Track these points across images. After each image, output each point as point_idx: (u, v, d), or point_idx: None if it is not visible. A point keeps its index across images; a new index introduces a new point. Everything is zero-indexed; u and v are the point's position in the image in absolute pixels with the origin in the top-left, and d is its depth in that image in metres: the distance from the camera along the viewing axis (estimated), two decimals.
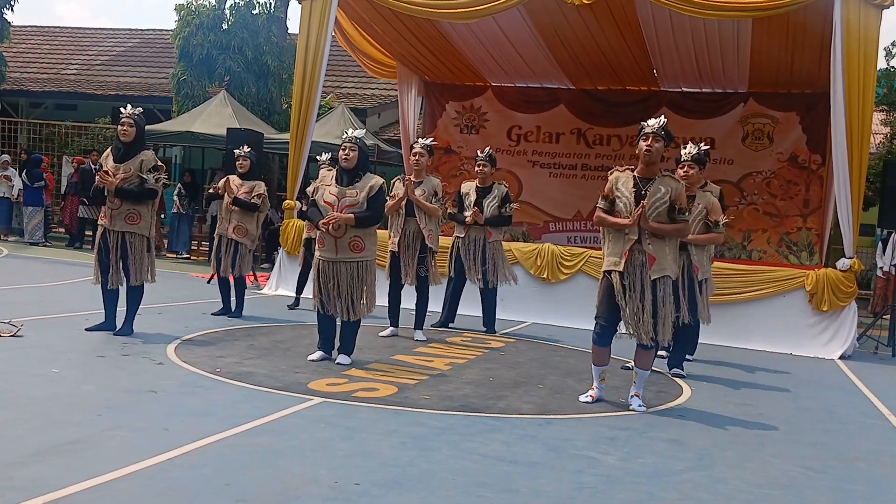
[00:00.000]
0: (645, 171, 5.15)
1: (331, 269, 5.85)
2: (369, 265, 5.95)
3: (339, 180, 5.88)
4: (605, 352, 5.35)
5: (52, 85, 21.01)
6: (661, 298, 5.09)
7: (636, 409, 5.21)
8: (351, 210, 5.77)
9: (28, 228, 14.68)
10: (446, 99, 13.72)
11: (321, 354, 6.02)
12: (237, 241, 7.86)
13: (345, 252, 5.83)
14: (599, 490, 3.66)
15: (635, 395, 5.31)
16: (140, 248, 6.32)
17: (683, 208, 5.14)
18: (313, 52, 9.72)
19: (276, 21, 17.05)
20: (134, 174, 6.23)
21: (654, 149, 5.07)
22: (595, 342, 5.34)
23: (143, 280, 6.40)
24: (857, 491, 3.99)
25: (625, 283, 5.09)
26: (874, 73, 8.46)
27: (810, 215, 12.04)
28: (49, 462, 3.42)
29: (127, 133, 6.27)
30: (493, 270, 8.06)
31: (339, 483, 3.45)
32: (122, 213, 6.25)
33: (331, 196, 5.84)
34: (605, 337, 5.27)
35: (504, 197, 8.06)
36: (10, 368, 5.03)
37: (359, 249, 5.86)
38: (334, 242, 5.81)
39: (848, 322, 8.54)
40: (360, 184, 5.84)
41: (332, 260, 5.84)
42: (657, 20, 10.04)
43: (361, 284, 5.88)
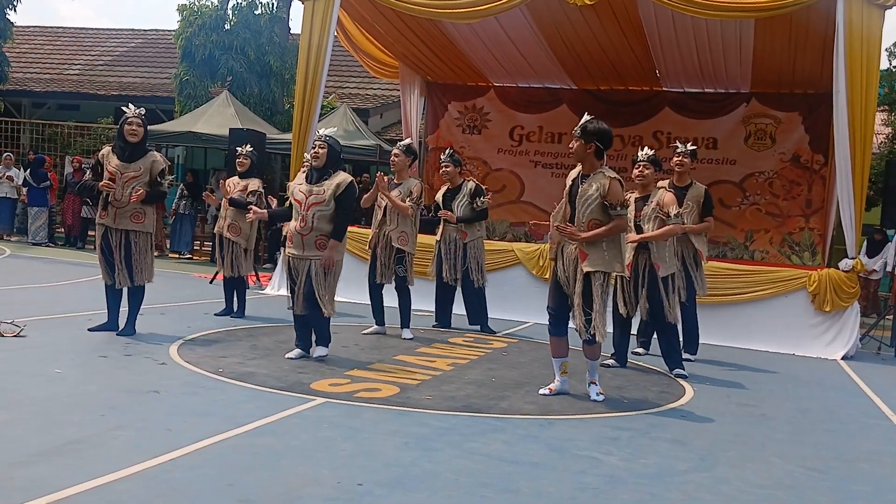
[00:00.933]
0: (582, 170, 5.34)
1: (299, 265, 5.91)
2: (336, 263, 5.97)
3: (308, 178, 5.95)
4: (561, 342, 5.46)
5: (54, 85, 21.04)
6: (593, 293, 5.19)
7: (592, 397, 5.37)
8: (318, 208, 5.82)
9: (32, 229, 14.70)
10: (448, 99, 13.72)
11: (298, 352, 6.05)
12: (231, 239, 7.86)
13: (310, 249, 5.88)
14: (602, 490, 3.66)
15: (592, 383, 5.48)
16: (144, 246, 6.34)
17: (615, 204, 5.18)
18: (315, 52, 9.72)
19: (279, 21, 17.06)
20: (145, 174, 6.25)
21: (574, 148, 5.27)
22: (550, 332, 5.50)
23: (146, 279, 6.41)
24: (860, 491, 3.99)
25: (564, 275, 5.32)
26: (877, 73, 8.45)
27: (813, 215, 12.02)
28: (51, 462, 3.43)
29: (136, 133, 6.29)
30: (477, 269, 8.07)
31: (341, 483, 3.45)
32: (128, 212, 6.26)
33: (300, 194, 5.92)
34: (556, 326, 5.44)
35: (473, 192, 8.04)
36: (12, 368, 5.04)
37: (324, 247, 5.89)
38: (301, 240, 5.88)
39: (850, 322, 8.53)
40: (328, 181, 5.88)
41: (300, 257, 5.91)
42: (659, 20, 10.04)
43: (325, 282, 5.90)
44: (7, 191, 15.02)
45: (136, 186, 6.21)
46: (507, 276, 9.47)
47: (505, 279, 9.45)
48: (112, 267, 6.31)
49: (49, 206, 14.88)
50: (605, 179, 5.19)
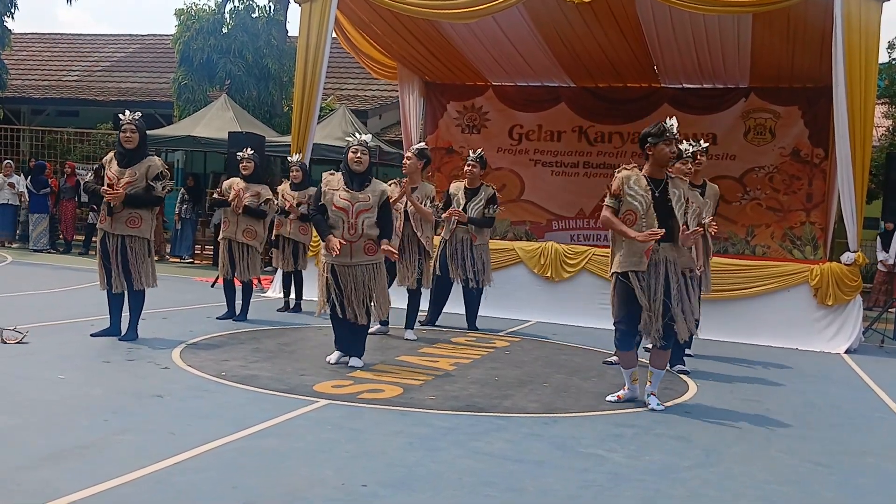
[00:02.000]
0: (660, 174, 5.13)
1: (347, 272, 5.86)
2: (382, 267, 6.00)
3: (349, 184, 5.88)
4: (631, 355, 5.32)
5: (53, 92, 21.05)
6: (684, 295, 5.11)
7: (655, 408, 5.19)
8: (366, 215, 5.81)
9: (33, 236, 14.71)
10: (447, 99, 13.71)
11: (339, 355, 6.03)
12: (248, 244, 7.88)
13: (359, 256, 5.86)
14: (606, 488, 3.65)
15: (652, 394, 5.29)
16: (141, 251, 6.32)
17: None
18: (313, 54, 9.72)
19: (276, 24, 17.05)
20: (140, 178, 6.24)
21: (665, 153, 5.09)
22: (618, 347, 5.30)
23: (146, 284, 6.40)
24: (866, 485, 3.98)
25: (642, 284, 5.05)
26: (875, 66, 8.44)
27: (814, 209, 12.01)
28: (56, 466, 3.43)
29: (130, 139, 6.28)
30: (483, 271, 8.11)
31: (345, 484, 3.45)
32: (124, 217, 6.25)
33: (342, 201, 5.83)
34: (627, 341, 5.23)
35: (490, 198, 8.08)
36: (16, 374, 5.05)
37: (372, 252, 5.90)
38: (349, 247, 5.83)
39: (853, 316, 8.52)
40: (371, 188, 5.88)
41: (348, 264, 5.85)
42: (657, 17, 10.03)
43: (377, 286, 5.92)
44: (9, 198, 15.04)
45: (130, 191, 6.20)
46: (509, 275, 9.46)
47: (506, 278, 9.44)
48: (110, 272, 6.31)
49: (50, 213, 14.89)
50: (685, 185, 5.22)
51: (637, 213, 5.04)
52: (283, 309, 8.84)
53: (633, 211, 5.06)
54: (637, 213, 5.04)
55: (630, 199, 5.07)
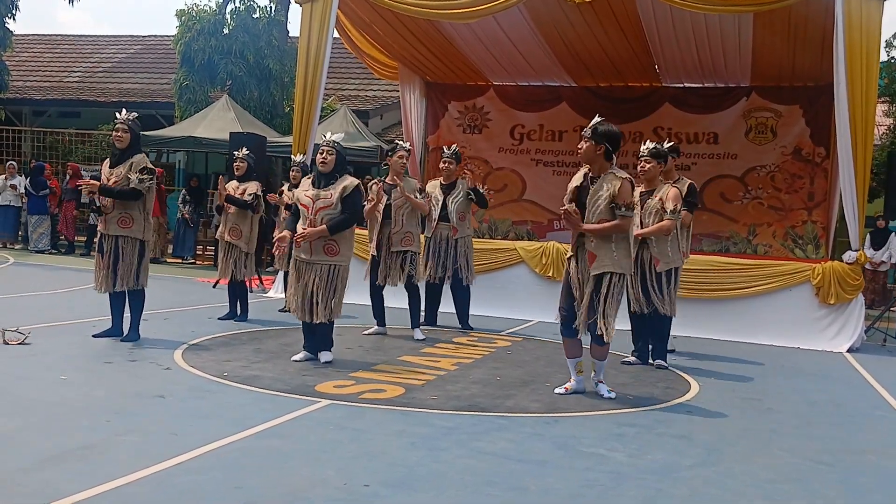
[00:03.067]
0: (592, 171, 5.31)
1: (304, 268, 5.91)
2: (341, 270, 5.94)
3: (315, 183, 5.95)
4: (574, 343, 5.45)
5: (54, 93, 21.06)
6: (602, 294, 5.18)
7: (604, 395, 5.35)
8: (325, 212, 5.81)
9: (33, 237, 14.73)
10: (448, 99, 13.72)
11: (304, 354, 6.05)
12: (233, 243, 7.87)
13: (318, 254, 5.88)
14: (608, 487, 3.65)
15: (599, 382, 5.45)
16: (132, 251, 6.30)
17: (622, 204, 5.16)
18: (314, 54, 9.73)
19: (277, 24, 17.07)
20: (124, 176, 6.24)
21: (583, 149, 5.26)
22: (562, 333, 5.46)
23: (133, 285, 6.33)
24: (867, 484, 3.98)
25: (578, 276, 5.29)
26: (877, 65, 8.44)
27: (815, 208, 12.00)
28: (59, 468, 3.43)
29: (121, 139, 6.30)
30: (466, 267, 8.11)
31: (347, 484, 3.46)
32: (115, 217, 6.28)
33: (307, 198, 5.91)
34: (568, 328, 5.38)
35: (471, 188, 8.16)
36: (18, 375, 5.05)
37: (332, 253, 5.89)
38: (310, 245, 5.87)
39: (855, 315, 8.51)
40: (335, 185, 5.89)
41: (307, 261, 5.90)
42: (658, 16, 10.03)
43: (329, 287, 5.88)
44: (10, 199, 15.06)
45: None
46: (510, 275, 9.47)
47: (508, 278, 9.45)
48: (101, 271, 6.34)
49: (50, 214, 14.91)
50: (617, 180, 5.19)
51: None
52: (284, 309, 8.84)
53: None
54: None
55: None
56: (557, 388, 5.50)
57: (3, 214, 15.16)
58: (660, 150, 6.59)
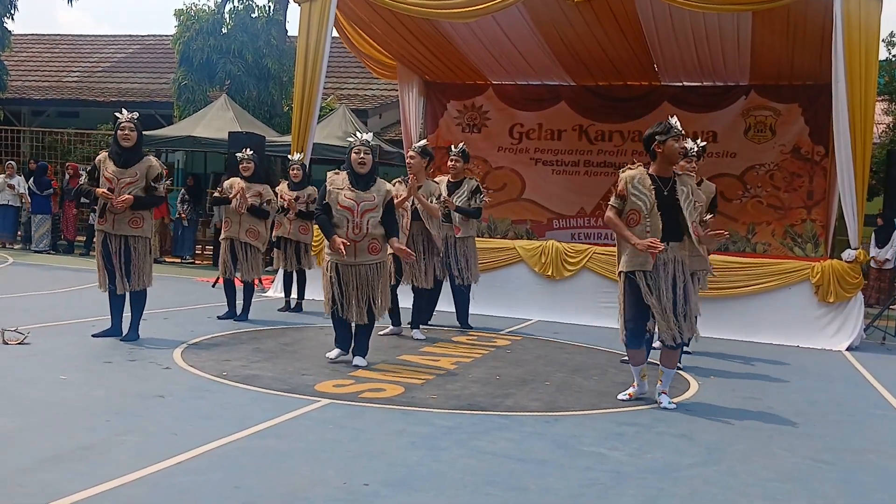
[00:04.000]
0: (667, 172, 5.09)
1: (350, 272, 5.86)
2: (385, 266, 6.00)
3: (354, 184, 5.88)
4: (640, 353, 5.32)
5: (53, 93, 21.04)
6: (690, 295, 5.09)
7: (666, 407, 5.19)
8: (371, 214, 5.82)
9: (35, 237, 14.72)
10: (447, 98, 13.72)
11: (339, 352, 6.04)
12: (251, 244, 7.88)
13: (363, 255, 5.86)
14: (609, 486, 3.65)
15: (663, 393, 5.29)
16: (143, 251, 6.36)
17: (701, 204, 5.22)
18: (313, 53, 9.72)
19: (276, 24, 17.05)
20: (141, 179, 6.26)
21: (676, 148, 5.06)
22: (627, 345, 5.28)
23: (148, 283, 6.42)
24: (868, 482, 3.98)
25: (649, 283, 5.02)
26: (876, 63, 8.43)
27: (814, 207, 12.01)
28: (59, 468, 3.43)
29: (129, 137, 6.29)
30: (467, 268, 8.08)
31: (347, 484, 3.45)
32: (126, 218, 6.26)
33: (348, 200, 5.84)
34: (637, 339, 5.20)
35: (474, 190, 8.07)
36: (18, 375, 5.05)
37: (376, 252, 5.92)
38: (353, 246, 5.83)
39: (854, 313, 8.52)
40: (376, 187, 5.90)
41: (351, 263, 5.85)
42: (657, 15, 10.03)
43: (379, 285, 5.92)
44: (9, 199, 15.05)
45: (131, 192, 6.21)
46: (510, 274, 9.47)
47: (507, 277, 9.45)
48: (112, 273, 6.31)
49: (52, 214, 14.90)
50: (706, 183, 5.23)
51: (641, 212, 4.99)
52: (284, 309, 8.84)
53: (637, 210, 5.01)
54: (641, 212, 4.99)
55: (634, 199, 5.02)
56: (621, 395, 5.38)
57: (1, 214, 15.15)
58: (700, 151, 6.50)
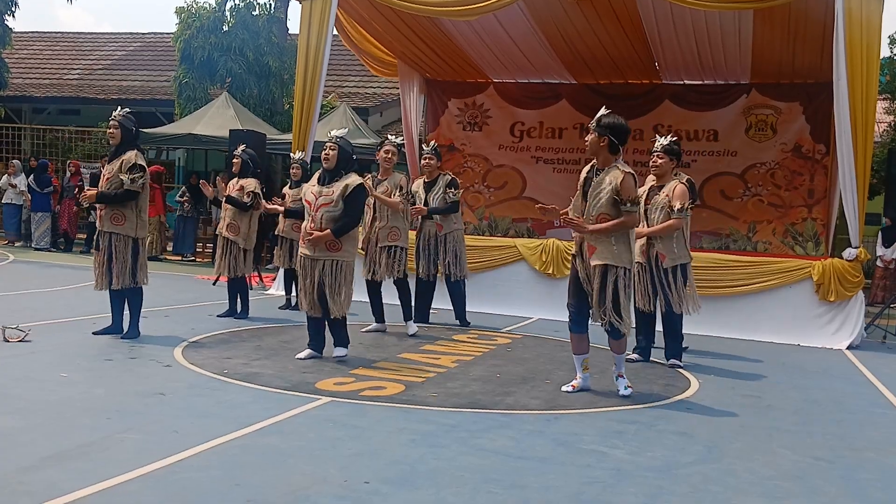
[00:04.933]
0: (597, 163, 5.30)
1: (309, 265, 5.92)
2: (345, 265, 5.94)
3: (320, 179, 5.98)
4: (581, 339, 5.44)
5: (54, 90, 21.04)
6: (606, 286, 5.16)
7: (620, 391, 5.35)
8: (326, 209, 5.84)
9: (36, 234, 14.73)
10: (448, 96, 13.70)
11: (309, 352, 6.05)
12: (230, 239, 7.86)
13: (321, 251, 5.89)
14: (609, 484, 3.66)
15: (619, 376, 5.45)
16: (124, 249, 6.28)
17: (626, 199, 5.14)
18: (314, 51, 9.72)
19: (277, 22, 17.05)
20: (115, 174, 6.26)
21: (589, 141, 5.23)
22: (570, 329, 5.46)
23: (129, 283, 6.30)
24: (868, 481, 3.98)
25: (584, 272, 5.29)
26: (877, 62, 8.43)
27: (815, 205, 11.99)
28: (60, 466, 3.44)
29: (113, 135, 6.38)
30: (455, 263, 8.07)
31: (348, 482, 3.46)
32: (108, 215, 6.30)
33: (311, 195, 5.94)
34: (576, 323, 5.40)
35: (448, 184, 8.05)
36: (19, 373, 5.06)
37: (335, 249, 5.90)
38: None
39: (855, 312, 8.51)
40: (338, 183, 5.90)
41: (311, 257, 5.92)
42: (658, 13, 10.01)
43: (335, 283, 5.88)
44: (13, 197, 15.10)
45: (108, 187, 6.25)
46: (510, 272, 9.47)
47: (508, 275, 9.45)
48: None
49: (52, 212, 14.91)
50: (619, 173, 5.15)
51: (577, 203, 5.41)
52: (284, 307, 8.85)
53: None
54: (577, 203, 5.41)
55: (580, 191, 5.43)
56: (564, 386, 5.48)
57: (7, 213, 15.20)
58: (673, 147, 6.61)
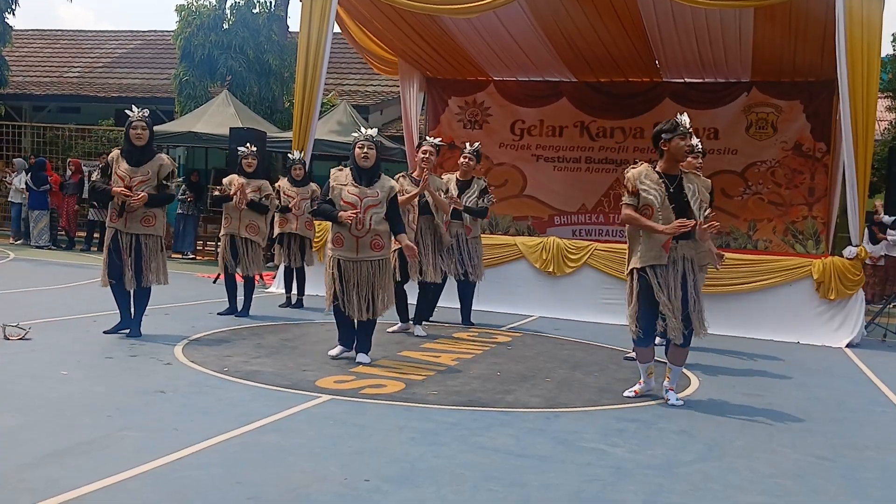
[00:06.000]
0: (674, 169, 5.13)
1: (352, 268, 5.85)
2: (388, 263, 5.98)
3: (357, 180, 5.88)
4: (648, 350, 5.34)
5: (54, 88, 21.04)
6: (699, 293, 5.12)
7: (674, 403, 5.21)
8: (374, 210, 5.80)
9: (34, 232, 14.73)
10: (449, 94, 13.71)
11: (341, 349, 6.04)
12: (251, 239, 7.89)
13: (366, 251, 5.84)
14: (609, 482, 3.66)
15: (670, 390, 5.30)
16: (155, 248, 6.38)
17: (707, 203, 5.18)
18: (314, 49, 9.72)
19: (277, 20, 17.04)
20: (153, 177, 6.29)
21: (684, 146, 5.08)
22: (637, 343, 5.30)
23: (158, 282, 6.42)
24: (869, 479, 3.98)
25: (659, 280, 5.05)
26: (878, 59, 8.42)
27: (816, 204, 12.00)
28: (60, 463, 3.44)
29: (141, 136, 6.30)
30: (477, 265, 8.09)
31: (348, 479, 3.46)
32: (138, 216, 6.28)
33: (351, 196, 5.83)
34: (647, 338, 5.23)
35: (483, 190, 8.06)
36: (19, 371, 5.06)
37: (379, 248, 5.89)
38: (355, 242, 5.82)
39: (856, 310, 8.52)
40: (380, 183, 5.88)
41: (353, 259, 5.85)
42: (658, 11, 10.01)
43: (382, 282, 5.90)
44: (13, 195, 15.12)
45: (145, 190, 6.23)
46: (510, 271, 9.48)
47: (508, 273, 9.45)
48: (118, 269, 6.30)
49: (50, 210, 14.91)
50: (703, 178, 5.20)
51: (653, 207, 5.02)
52: (285, 305, 8.85)
53: (650, 205, 5.04)
54: (653, 207, 5.02)
55: (645, 194, 5.05)
56: (627, 392, 5.41)
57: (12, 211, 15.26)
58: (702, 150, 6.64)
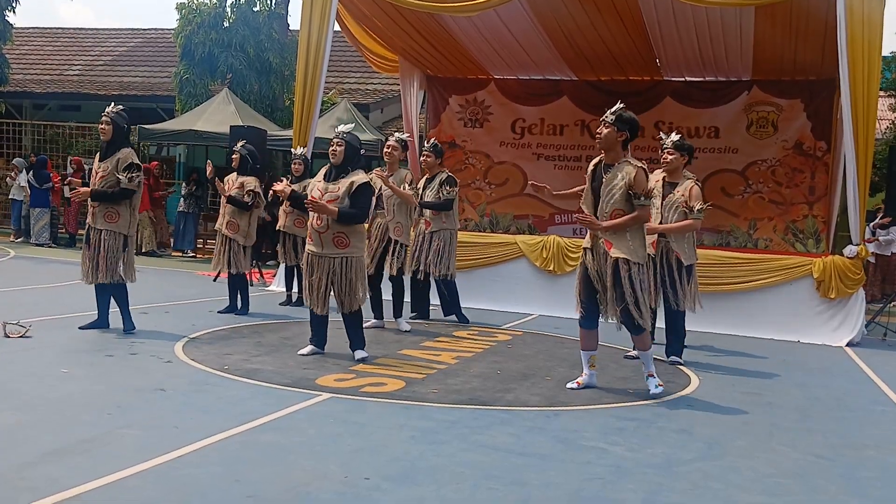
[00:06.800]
0: (606, 158, 5.27)
1: (316, 262, 5.90)
2: (353, 261, 5.89)
3: (327, 176, 5.95)
4: (590, 335, 5.42)
5: (55, 86, 21.04)
6: (622, 281, 5.14)
7: (651, 389, 5.27)
8: (332, 206, 5.78)
9: (35, 230, 14.74)
10: (449, 93, 13.69)
11: (311, 349, 6.05)
12: (230, 237, 7.88)
13: (329, 248, 5.86)
14: (609, 481, 3.66)
15: (650, 375, 5.37)
16: (115, 245, 6.32)
17: (640, 193, 5.12)
18: (315, 48, 9.71)
19: (278, 18, 17.04)
20: (111, 172, 6.29)
21: (604, 135, 5.20)
22: (580, 325, 5.43)
23: (116, 278, 6.35)
24: (869, 478, 3.98)
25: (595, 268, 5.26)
26: (879, 58, 8.40)
27: (816, 203, 11.98)
28: (61, 461, 3.44)
29: (104, 131, 6.39)
30: (437, 261, 7.84)
31: (349, 478, 3.46)
32: (102, 212, 6.33)
33: (317, 192, 5.91)
34: (586, 319, 5.37)
35: (444, 181, 7.92)
36: (19, 369, 5.06)
37: (343, 245, 5.85)
38: (319, 237, 5.85)
39: (856, 309, 8.51)
40: (344, 180, 5.87)
41: (318, 254, 5.89)
42: (659, 9, 10.00)
43: (344, 280, 5.85)
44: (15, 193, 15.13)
45: (103, 185, 6.26)
46: (511, 269, 9.47)
47: (508, 272, 9.45)
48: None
49: (51, 208, 14.92)
50: (632, 168, 5.14)
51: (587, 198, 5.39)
52: (285, 303, 8.85)
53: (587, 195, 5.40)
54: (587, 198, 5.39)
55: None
56: (569, 383, 5.47)
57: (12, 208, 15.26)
58: (683, 143, 6.62)
